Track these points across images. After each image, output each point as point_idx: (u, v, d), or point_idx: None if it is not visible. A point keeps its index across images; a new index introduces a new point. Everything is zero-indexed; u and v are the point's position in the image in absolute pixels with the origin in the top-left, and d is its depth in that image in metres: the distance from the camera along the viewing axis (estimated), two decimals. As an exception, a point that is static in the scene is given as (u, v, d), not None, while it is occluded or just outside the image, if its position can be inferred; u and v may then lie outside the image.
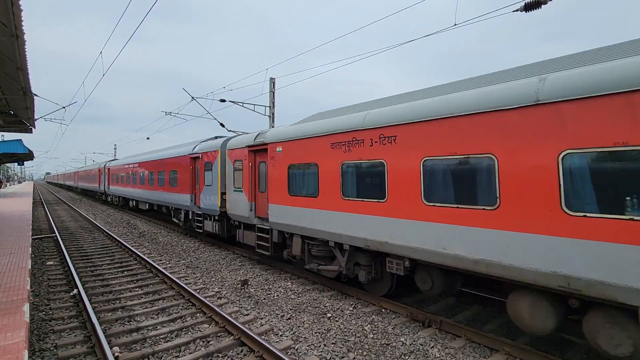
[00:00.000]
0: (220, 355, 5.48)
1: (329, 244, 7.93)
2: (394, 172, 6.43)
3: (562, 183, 4.43)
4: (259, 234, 10.32)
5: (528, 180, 4.74)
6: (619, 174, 4.05)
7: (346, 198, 7.33)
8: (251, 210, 10.59)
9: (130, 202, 24.59)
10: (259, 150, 10.37)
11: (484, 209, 5.17)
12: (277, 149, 9.41)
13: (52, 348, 5.63)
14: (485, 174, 5.18)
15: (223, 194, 12.47)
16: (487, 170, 5.16)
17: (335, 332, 6.25)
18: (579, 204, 4.31)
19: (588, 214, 4.24)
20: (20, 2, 6.25)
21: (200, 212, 14.29)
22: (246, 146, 10.89)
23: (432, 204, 5.82)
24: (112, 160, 33.52)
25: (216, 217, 13.03)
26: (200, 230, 14.26)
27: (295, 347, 5.72)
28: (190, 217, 15.35)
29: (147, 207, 21.78)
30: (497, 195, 5.02)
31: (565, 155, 4.42)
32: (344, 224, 7.35)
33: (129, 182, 23.87)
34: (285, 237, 9.46)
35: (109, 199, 31.23)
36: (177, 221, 17.14)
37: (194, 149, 15.05)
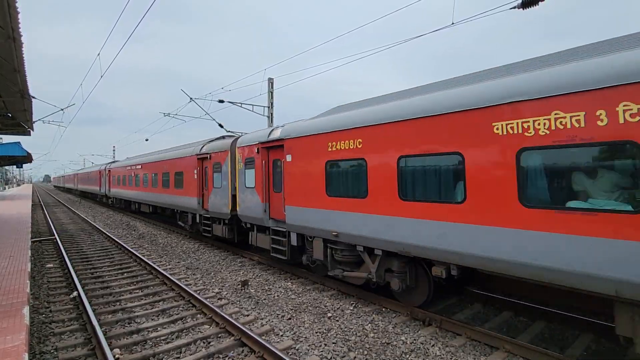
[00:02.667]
0: (221, 356, 5.47)
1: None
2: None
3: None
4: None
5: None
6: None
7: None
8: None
9: None
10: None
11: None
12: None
13: (52, 350, 5.62)
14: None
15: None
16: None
17: (335, 332, 6.25)
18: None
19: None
20: (17, 4, 6.24)
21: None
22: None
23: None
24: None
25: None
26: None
27: (296, 347, 5.72)
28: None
29: None
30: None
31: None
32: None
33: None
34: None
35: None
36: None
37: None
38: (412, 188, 6.28)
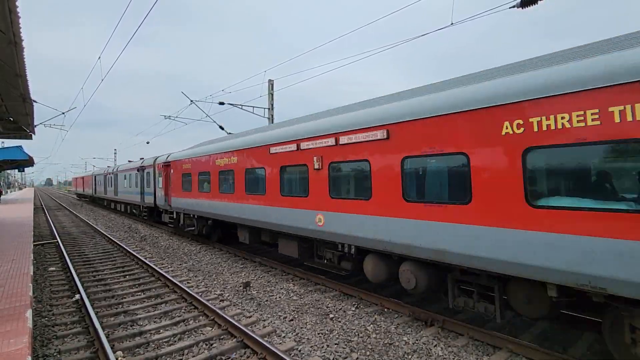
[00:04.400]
0: (223, 357, 5.48)
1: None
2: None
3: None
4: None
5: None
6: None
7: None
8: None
9: None
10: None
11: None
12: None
13: (55, 354, 5.63)
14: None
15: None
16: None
17: (338, 333, 6.25)
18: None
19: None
20: (18, 9, 6.28)
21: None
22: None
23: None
24: None
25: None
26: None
27: (299, 349, 5.72)
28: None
29: None
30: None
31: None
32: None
33: None
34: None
35: None
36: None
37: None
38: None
